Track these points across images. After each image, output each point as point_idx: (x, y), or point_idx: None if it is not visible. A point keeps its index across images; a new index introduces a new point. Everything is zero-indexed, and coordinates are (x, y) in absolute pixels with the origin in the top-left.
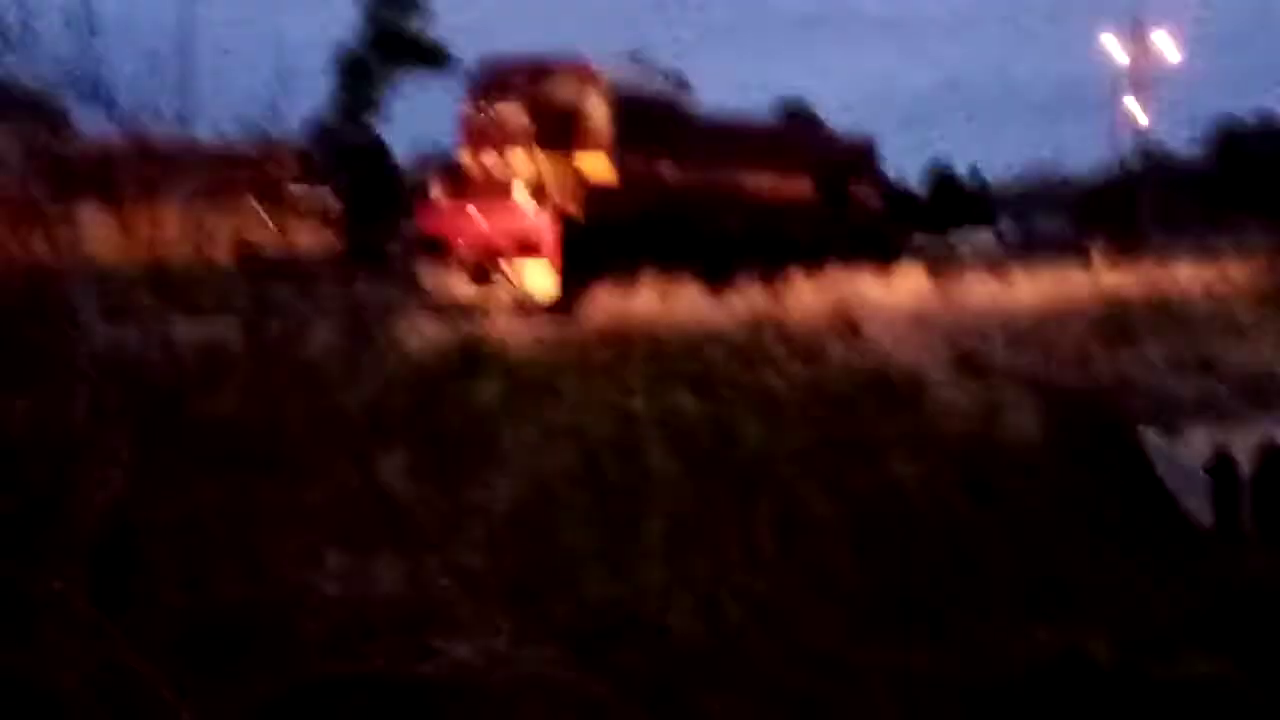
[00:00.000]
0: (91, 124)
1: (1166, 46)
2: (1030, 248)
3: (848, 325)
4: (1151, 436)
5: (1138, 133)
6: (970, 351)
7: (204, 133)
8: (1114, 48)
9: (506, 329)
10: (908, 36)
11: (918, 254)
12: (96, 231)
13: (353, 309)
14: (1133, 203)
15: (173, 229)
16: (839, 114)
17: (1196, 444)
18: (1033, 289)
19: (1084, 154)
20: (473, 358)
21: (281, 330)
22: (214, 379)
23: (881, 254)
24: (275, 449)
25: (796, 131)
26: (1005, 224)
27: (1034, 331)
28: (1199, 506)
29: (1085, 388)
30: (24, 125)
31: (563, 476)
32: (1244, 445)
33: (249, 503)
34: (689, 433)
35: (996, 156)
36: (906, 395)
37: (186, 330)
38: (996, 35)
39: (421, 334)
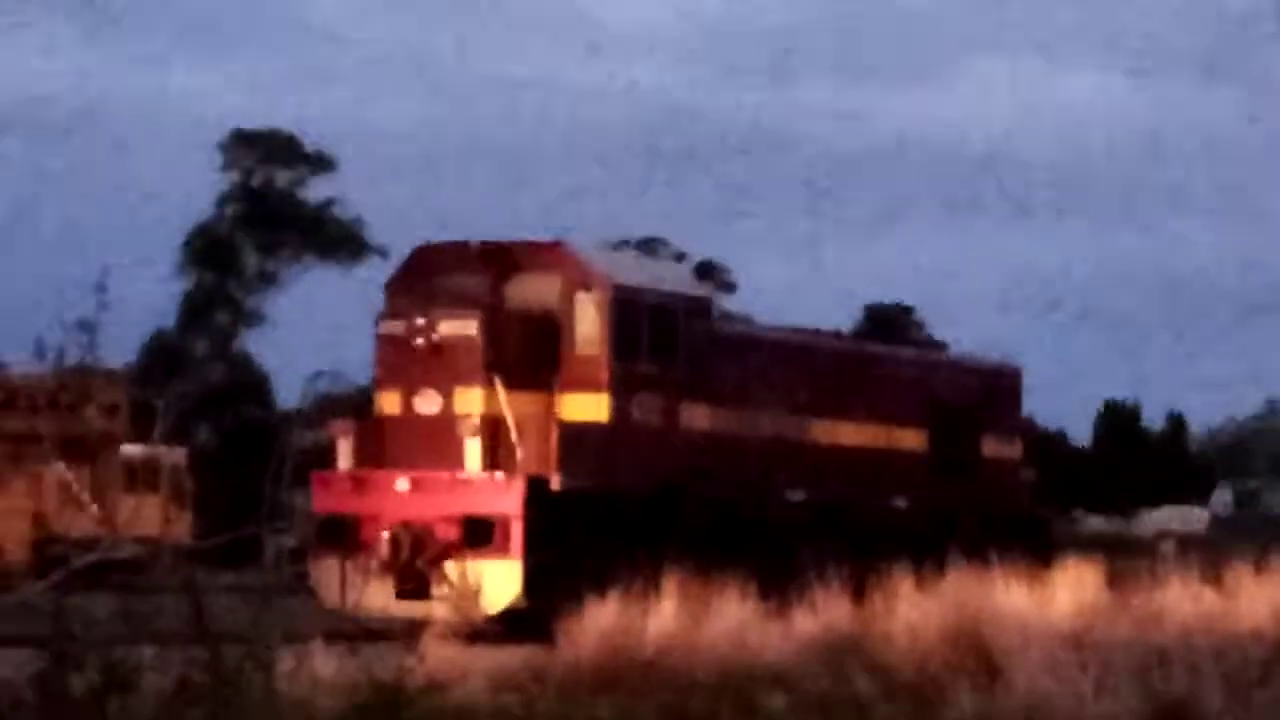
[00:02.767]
0: None
1: None
2: (1261, 534)
3: (980, 657)
4: None
5: None
6: (1172, 699)
7: None
8: None
9: (449, 664)
10: (1067, 202)
11: (1085, 543)
12: None
13: (206, 634)
14: None
15: None
16: (966, 321)
17: None
18: (1268, 601)
19: None
20: (396, 715)
21: (97, 671)
22: None
23: (1029, 543)
24: None
25: (897, 355)
26: (1221, 497)
27: (1271, 669)
28: None
29: None
30: None
31: None
32: None
33: None
34: None
35: (1207, 393)
36: None
37: None
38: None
39: (315, 676)
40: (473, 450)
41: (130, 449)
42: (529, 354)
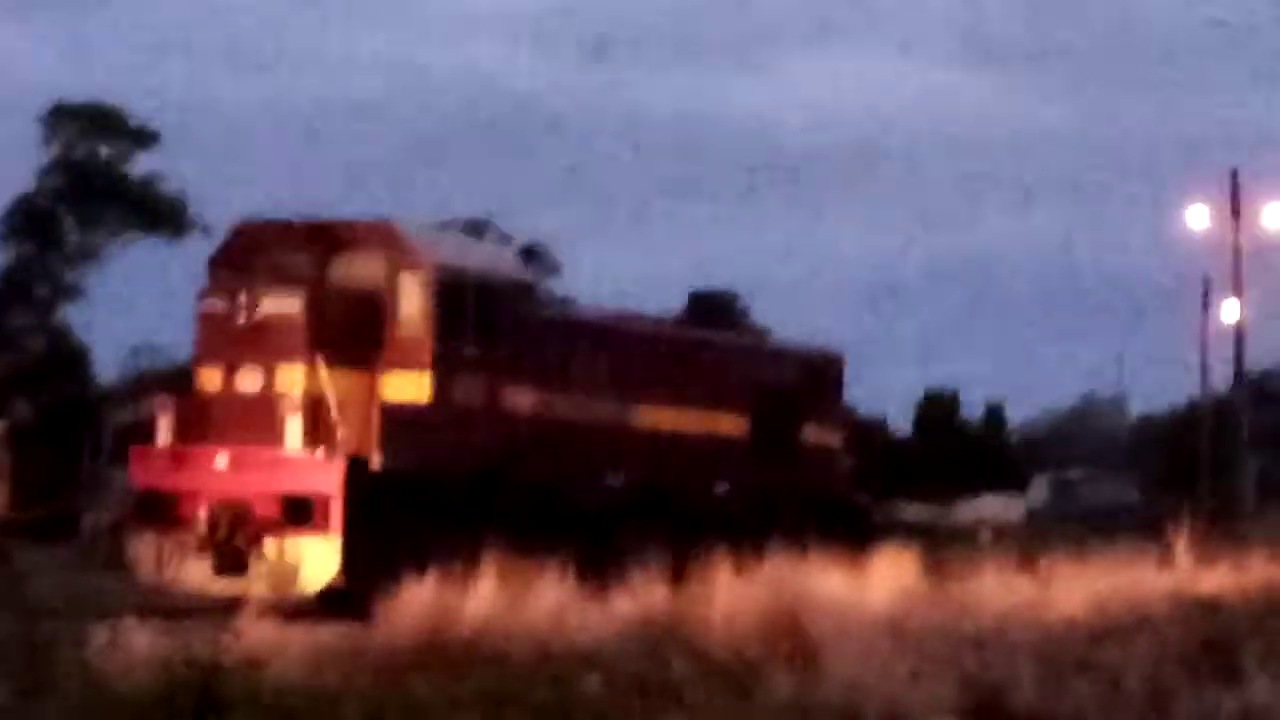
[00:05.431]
0: None
1: None
2: (1076, 524)
3: (797, 642)
4: None
5: (1239, 350)
6: (987, 686)
7: None
8: (1204, 221)
9: (266, 641)
10: (906, 192)
11: (904, 531)
12: None
13: (20, 612)
14: (1233, 457)
15: None
16: (789, 310)
17: None
18: (1082, 591)
19: (1156, 382)
20: (211, 692)
21: None
22: None
23: (848, 529)
24: None
25: (721, 341)
26: (1038, 487)
27: (1085, 657)
28: None
29: None
30: None
31: None
32: None
33: None
34: None
35: (1027, 384)
36: None
37: None
38: (1027, 207)
39: (130, 654)
40: (293, 428)
41: None
42: (352, 332)
